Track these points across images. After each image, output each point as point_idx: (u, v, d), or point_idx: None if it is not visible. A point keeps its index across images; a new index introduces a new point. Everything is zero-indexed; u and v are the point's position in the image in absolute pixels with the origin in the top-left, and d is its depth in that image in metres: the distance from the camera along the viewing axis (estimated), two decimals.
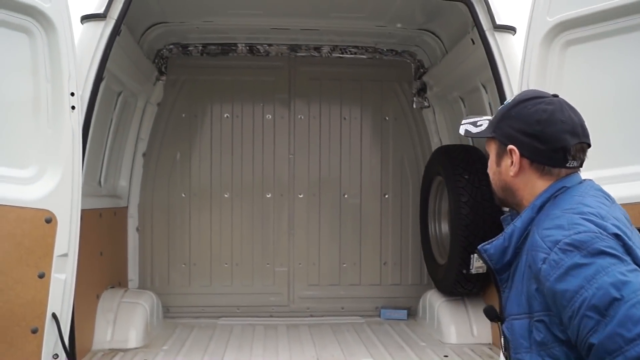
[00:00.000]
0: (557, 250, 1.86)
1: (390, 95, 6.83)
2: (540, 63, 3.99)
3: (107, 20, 4.10)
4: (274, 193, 6.71)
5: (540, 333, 1.93)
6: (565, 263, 1.83)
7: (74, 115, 3.80)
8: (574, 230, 1.87)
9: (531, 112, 2.11)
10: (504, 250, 2.08)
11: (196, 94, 6.62)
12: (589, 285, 1.78)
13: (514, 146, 2.11)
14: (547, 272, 1.86)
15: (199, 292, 6.57)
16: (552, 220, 1.95)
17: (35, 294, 3.73)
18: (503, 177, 2.17)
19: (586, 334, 1.79)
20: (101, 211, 5.42)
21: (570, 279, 1.81)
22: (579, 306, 1.79)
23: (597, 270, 1.79)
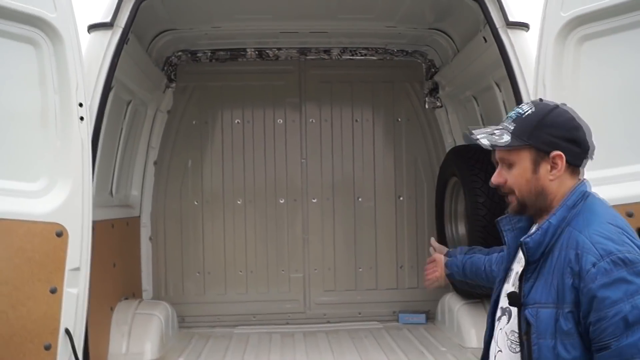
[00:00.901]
0: (608, 261, 2.08)
1: (402, 96, 6.75)
2: (555, 59, 3.91)
3: (115, 29, 4.04)
4: (287, 198, 6.64)
5: (568, 323, 2.13)
6: (613, 274, 2.07)
7: (83, 126, 3.74)
8: (625, 247, 2.11)
9: (566, 120, 2.30)
10: (539, 245, 2.24)
11: (206, 100, 6.57)
12: (627, 301, 2.05)
13: (560, 152, 2.26)
14: (594, 276, 2.08)
15: (214, 301, 6.50)
16: (601, 230, 2.16)
17: (47, 310, 3.66)
18: (541, 183, 2.29)
19: (610, 338, 2.06)
20: (113, 222, 5.36)
21: (614, 289, 2.06)
22: (613, 315, 2.05)
23: (636, 290, 2.06)
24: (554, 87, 3.90)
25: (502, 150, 2.32)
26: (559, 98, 3.90)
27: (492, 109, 5.53)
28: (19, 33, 3.59)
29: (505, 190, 2.37)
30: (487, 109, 5.74)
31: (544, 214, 2.31)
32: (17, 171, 3.70)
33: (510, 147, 2.29)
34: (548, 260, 2.22)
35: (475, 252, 3.12)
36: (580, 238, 2.15)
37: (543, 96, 3.90)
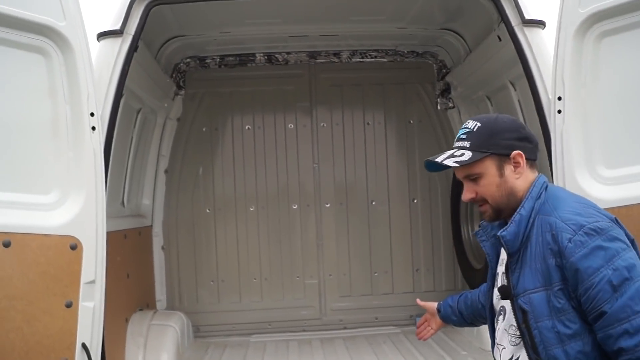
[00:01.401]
0: (582, 233, 2.23)
1: (414, 97, 6.68)
2: (574, 56, 3.84)
3: (124, 36, 3.97)
4: (300, 204, 6.57)
5: (560, 300, 2.26)
6: (589, 244, 2.21)
7: (95, 136, 3.66)
8: (593, 218, 2.28)
9: (510, 122, 2.51)
10: (516, 236, 2.38)
11: (216, 106, 6.52)
12: (608, 265, 2.19)
13: (519, 151, 2.43)
14: (572, 250, 2.22)
15: (229, 310, 6.44)
16: (569, 209, 2.33)
17: (63, 324, 3.59)
18: (509, 184, 2.45)
19: (601, 303, 2.18)
20: (126, 232, 5.30)
21: (593, 258, 2.20)
22: (598, 281, 2.19)
23: (614, 254, 2.21)
24: (573, 85, 3.83)
25: (466, 167, 2.46)
26: (579, 96, 3.87)
27: (506, 108, 5.43)
28: (28, 43, 3.53)
29: (479, 202, 2.51)
30: (501, 108, 5.64)
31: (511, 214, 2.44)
32: (29, 183, 3.63)
33: (473, 161, 2.43)
34: (527, 249, 2.36)
35: (463, 293, 3.17)
36: (551, 220, 2.32)
37: (562, 94, 3.84)
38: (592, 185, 3.81)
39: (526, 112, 5.11)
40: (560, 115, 3.84)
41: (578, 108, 3.84)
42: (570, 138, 3.82)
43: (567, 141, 3.82)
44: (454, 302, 3.12)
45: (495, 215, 2.51)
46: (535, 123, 4.79)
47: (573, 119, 3.83)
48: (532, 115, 4.84)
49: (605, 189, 3.80)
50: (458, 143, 2.51)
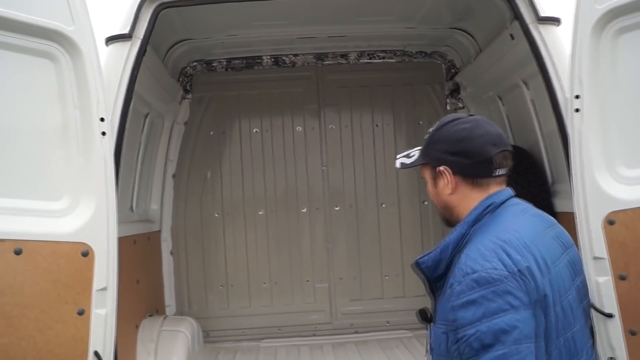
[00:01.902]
0: (467, 281, 2.07)
1: (423, 98, 6.62)
2: (591, 54, 3.75)
3: (133, 40, 3.90)
4: (309, 207, 6.50)
5: (448, 342, 2.13)
6: (466, 296, 2.05)
7: (105, 141, 3.60)
8: (490, 264, 2.06)
9: (452, 133, 2.33)
10: (438, 263, 2.23)
11: (223, 110, 6.47)
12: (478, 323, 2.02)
13: (444, 166, 2.31)
14: (456, 295, 2.08)
15: (239, 314, 6.38)
16: (478, 246, 2.14)
17: (75, 332, 3.53)
18: (441, 198, 2.36)
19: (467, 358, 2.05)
20: (135, 237, 5.24)
21: (466, 310, 2.05)
22: (469, 335, 2.04)
23: (490, 313, 2.02)
24: (591, 83, 3.75)
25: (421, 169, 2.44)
26: (597, 94, 3.79)
27: (518, 108, 5.38)
28: (37, 48, 3.47)
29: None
30: (513, 108, 5.59)
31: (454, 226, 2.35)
32: (39, 190, 3.57)
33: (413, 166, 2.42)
34: (449, 277, 2.20)
35: None
36: (462, 256, 2.16)
37: (580, 93, 3.76)
38: (612, 185, 3.72)
39: (540, 111, 5.05)
40: (578, 114, 3.76)
41: (596, 106, 3.75)
42: (589, 137, 3.73)
43: (585, 140, 3.73)
44: None
45: (445, 221, 2.44)
46: (549, 122, 4.75)
47: (591, 118, 3.74)
48: (546, 114, 4.79)
49: (626, 188, 3.71)
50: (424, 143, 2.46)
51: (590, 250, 3.67)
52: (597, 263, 3.66)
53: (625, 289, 3.63)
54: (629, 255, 3.64)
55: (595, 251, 3.67)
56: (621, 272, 3.63)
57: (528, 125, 5.24)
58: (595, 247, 3.66)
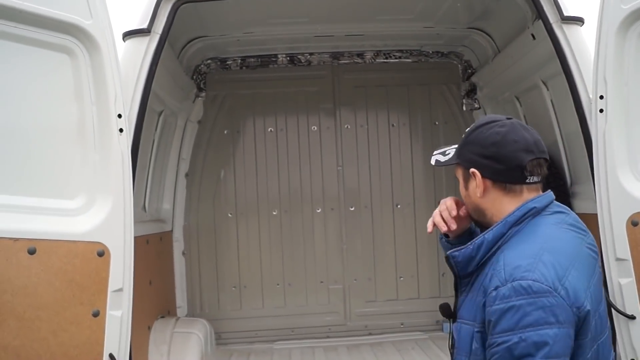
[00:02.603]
0: (510, 286, 2.03)
1: (439, 98, 6.55)
2: (616, 54, 3.68)
3: (152, 35, 3.83)
4: (324, 207, 6.44)
5: (476, 343, 2.14)
6: (510, 301, 2.02)
7: (123, 138, 3.53)
8: (534, 274, 2.03)
9: (486, 136, 2.31)
10: (470, 260, 2.21)
11: (237, 109, 6.40)
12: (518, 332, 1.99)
13: (475, 169, 2.31)
14: (494, 299, 2.06)
15: (252, 316, 6.32)
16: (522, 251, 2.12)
17: (90, 334, 3.46)
18: (472, 199, 2.35)
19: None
20: (148, 237, 5.18)
21: (506, 316, 2.01)
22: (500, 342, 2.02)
23: (530, 323, 1.99)
24: (616, 84, 3.68)
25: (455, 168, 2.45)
26: (621, 94, 3.71)
27: (537, 108, 5.30)
28: (54, 42, 3.40)
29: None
30: (531, 108, 5.51)
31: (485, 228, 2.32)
32: (54, 188, 3.50)
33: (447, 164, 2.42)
34: (480, 276, 2.20)
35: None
36: (501, 257, 2.14)
37: (604, 93, 3.69)
38: (636, 186, 3.66)
39: (559, 111, 4.98)
40: (602, 115, 3.69)
41: (620, 107, 3.69)
42: (613, 138, 3.67)
43: (609, 141, 3.67)
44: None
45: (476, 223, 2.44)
46: (569, 123, 4.68)
47: (615, 118, 3.67)
48: (566, 115, 4.72)
49: None
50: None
51: (614, 251, 3.63)
52: (620, 264, 3.61)
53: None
54: None
55: (618, 252, 3.61)
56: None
57: (547, 126, 5.16)
58: (618, 249, 3.61)
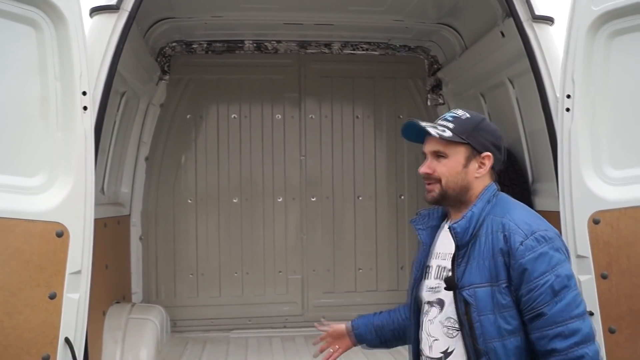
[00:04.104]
0: (532, 238, 2.38)
1: (404, 92, 6.56)
2: (585, 54, 3.74)
3: (121, 12, 3.71)
4: (285, 197, 6.39)
5: (506, 297, 2.39)
6: (538, 249, 2.36)
7: (87, 116, 3.42)
8: (542, 227, 2.44)
9: (494, 129, 2.64)
10: (465, 230, 2.47)
11: (201, 94, 6.30)
12: (552, 271, 2.35)
13: (490, 154, 2.57)
14: (523, 252, 2.36)
15: (208, 304, 6.24)
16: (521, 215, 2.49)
17: (46, 317, 3.35)
18: (467, 178, 2.55)
19: (541, 305, 2.33)
20: (106, 221, 5.05)
21: (540, 262, 2.35)
22: (542, 284, 2.34)
23: (557, 262, 2.37)
24: (583, 83, 3.74)
25: (440, 143, 2.55)
26: (588, 94, 3.76)
27: (502, 106, 5.35)
28: (18, 13, 3.28)
29: (431, 180, 2.58)
30: (496, 106, 5.56)
31: (462, 206, 2.56)
32: (14, 165, 3.38)
33: (452, 140, 2.53)
34: (476, 245, 2.46)
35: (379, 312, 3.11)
36: (504, 221, 2.44)
37: (572, 92, 3.74)
38: (599, 186, 3.73)
39: (524, 110, 5.03)
40: (568, 114, 3.75)
41: (587, 107, 3.75)
42: (578, 137, 3.73)
43: (574, 139, 3.72)
44: (370, 320, 3.07)
45: (439, 199, 2.59)
46: (533, 121, 4.74)
47: (581, 118, 3.73)
48: (531, 113, 4.78)
49: (612, 189, 3.73)
50: (442, 122, 2.60)
51: (574, 249, 3.68)
52: (580, 262, 3.67)
53: (606, 287, 3.65)
54: (611, 255, 3.67)
55: (578, 250, 3.67)
56: (603, 271, 3.66)
57: (510, 123, 5.21)
58: (579, 246, 3.67)
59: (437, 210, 2.74)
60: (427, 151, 2.62)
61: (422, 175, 2.62)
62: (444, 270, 2.56)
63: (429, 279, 2.63)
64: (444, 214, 2.72)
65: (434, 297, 2.58)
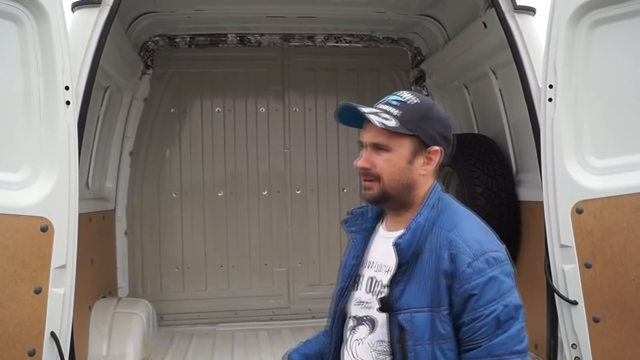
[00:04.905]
0: (482, 260, 2.07)
1: (388, 84, 6.55)
2: (567, 44, 3.77)
3: (102, 6, 3.71)
4: (270, 190, 6.40)
5: (446, 326, 2.09)
6: (487, 273, 2.06)
7: (69, 110, 3.43)
8: (493, 246, 2.13)
9: (444, 117, 2.26)
10: (409, 245, 2.15)
11: (185, 87, 6.27)
12: (500, 300, 2.06)
13: (439, 148, 2.22)
14: (470, 275, 2.06)
15: (194, 298, 6.24)
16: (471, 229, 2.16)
17: (31, 312, 3.36)
18: (412, 175, 2.22)
19: (482, 338, 2.05)
20: (90, 215, 5.03)
21: (488, 288, 2.06)
22: (487, 314, 2.05)
23: (507, 290, 2.08)
24: (565, 73, 3.77)
25: (382, 134, 2.19)
26: (570, 84, 3.80)
27: (485, 97, 5.38)
28: (0, 8, 3.26)
29: (370, 176, 2.24)
30: (479, 97, 5.60)
31: (402, 209, 2.26)
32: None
33: (397, 132, 2.17)
34: (418, 262, 2.15)
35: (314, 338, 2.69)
36: (452, 237, 2.13)
37: (554, 82, 3.77)
38: (582, 175, 3.76)
39: (507, 100, 5.06)
40: (551, 104, 3.77)
41: (569, 97, 3.78)
42: (561, 127, 3.75)
43: (557, 129, 3.75)
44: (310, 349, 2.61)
45: (379, 199, 2.25)
46: (516, 111, 4.77)
47: (564, 108, 3.76)
48: (514, 104, 4.81)
49: (595, 179, 3.76)
50: (385, 107, 2.21)
51: (558, 238, 3.72)
52: (564, 251, 3.71)
53: (590, 276, 3.68)
54: (595, 244, 3.70)
55: (562, 239, 3.71)
56: (587, 260, 3.69)
57: (494, 114, 5.25)
58: (563, 236, 3.70)
59: (371, 209, 2.40)
60: (366, 142, 2.25)
61: (359, 170, 2.26)
62: (377, 284, 2.25)
63: (359, 290, 2.30)
64: (379, 214, 2.39)
65: (363, 312, 2.26)
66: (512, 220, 4.87)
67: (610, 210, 3.70)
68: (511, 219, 4.87)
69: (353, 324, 2.28)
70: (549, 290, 3.80)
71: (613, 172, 3.78)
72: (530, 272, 4.70)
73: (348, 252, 2.43)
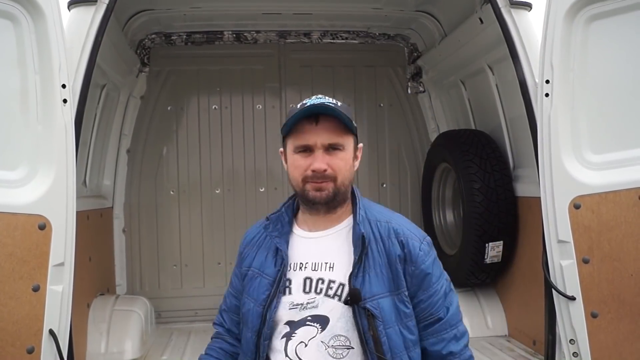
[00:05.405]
0: (425, 243, 2.35)
1: (384, 81, 6.57)
2: (563, 39, 3.76)
3: (98, 4, 3.70)
4: (268, 187, 6.39)
5: (408, 305, 2.27)
6: (432, 254, 2.35)
7: (67, 109, 3.42)
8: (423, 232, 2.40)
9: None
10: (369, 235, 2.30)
11: (182, 85, 6.26)
12: (442, 275, 2.37)
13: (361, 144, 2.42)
14: (423, 258, 2.30)
15: (192, 295, 6.23)
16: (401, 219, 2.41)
17: (30, 310, 3.36)
18: (353, 172, 2.36)
19: (438, 310, 2.30)
20: (88, 213, 5.03)
21: (435, 267, 2.34)
22: (439, 289, 2.32)
23: (441, 266, 2.39)
24: (562, 68, 3.76)
25: (336, 134, 2.26)
26: (567, 79, 3.79)
27: (482, 92, 5.40)
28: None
29: (326, 178, 2.25)
30: (476, 93, 5.61)
31: (339, 207, 2.34)
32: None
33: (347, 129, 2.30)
34: (369, 253, 2.27)
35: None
36: (394, 226, 2.33)
37: (550, 78, 3.76)
38: (579, 170, 3.76)
39: (504, 96, 5.08)
40: (547, 99, 3.76)
41: (566, 92, 3.77)
42: (558, 122, 3.74)
43: (554, 125, 3.74)
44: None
45: (331, 199, 2.27)
46: (513, 107, 4.79)
47: (561, 103, 3.75)
48: (511, 99, 4.82)
49: (592, 174, 3.76)
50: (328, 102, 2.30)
51: (555, 234, 3.71)
52: (562, 246, 3.70)
53: (587, 272, 3.68)
54: (592, 239, 3.69)
55: (560, 235, 3.70)
56: (585, 255, 3.69)
57: (491, 110, 5.26)
58: (560, 231, 3.69)
59: (286, 213, 2.42)
60: (320, 143, 2.24)
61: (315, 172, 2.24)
62: (320, 282, 2.26)
63: (291, 294, 2.27)
64: (291, 218, 2.41)
65: (304, 314, 2.23)
66: (509, 216, 4.89)
67: (607, 205, 3.70)
68: (509, 214, 4.89)
69: (287, 330, 2.25)
70: (547, 285, 3.80)
71: (610, 167, 3.78)
72: (528, 267, 4.72)
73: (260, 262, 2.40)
